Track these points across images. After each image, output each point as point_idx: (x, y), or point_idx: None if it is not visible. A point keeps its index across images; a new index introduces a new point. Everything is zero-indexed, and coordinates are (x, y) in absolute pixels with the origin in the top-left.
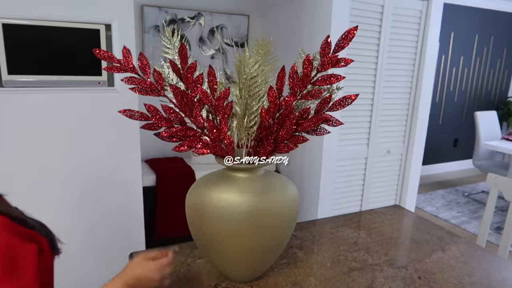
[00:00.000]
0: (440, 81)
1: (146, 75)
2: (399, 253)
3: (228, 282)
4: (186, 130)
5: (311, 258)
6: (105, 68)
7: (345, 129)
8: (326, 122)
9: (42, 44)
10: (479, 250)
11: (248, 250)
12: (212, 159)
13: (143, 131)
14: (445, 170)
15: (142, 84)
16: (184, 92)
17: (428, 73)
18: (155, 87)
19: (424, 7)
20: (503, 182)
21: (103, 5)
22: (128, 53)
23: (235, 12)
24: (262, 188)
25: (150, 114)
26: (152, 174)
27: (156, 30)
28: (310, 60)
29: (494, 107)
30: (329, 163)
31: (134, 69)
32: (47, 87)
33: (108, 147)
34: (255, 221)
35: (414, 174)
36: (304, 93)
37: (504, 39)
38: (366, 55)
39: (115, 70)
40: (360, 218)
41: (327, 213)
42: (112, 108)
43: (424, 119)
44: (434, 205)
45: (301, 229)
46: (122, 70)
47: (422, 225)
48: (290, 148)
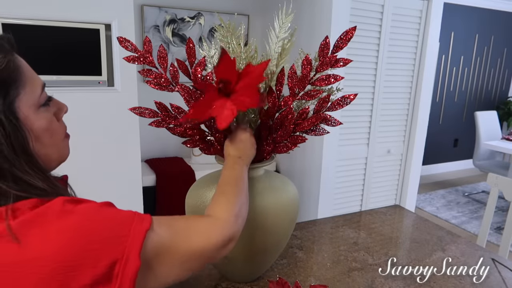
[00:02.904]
0: (440, 81)
1: (163, 68)
2: (399, 253)
3: (228, 282)
4: (194, 129)
5: (311, 258)
6: (125, 57)
7: (345, 129)
8: (325, 122)
9: (42, 44)
10: (479, 250)
11: (248, 250)
12: (212, 159)
13: (143, 131)
14: (445, 170)
15: (159, 78)
16: (193, 90)
17: (428, 73)
18: (170, 82)
19: (424, 7)
20: (504, 182)
21: (103, 5)
22: (149, 44)
23: (235, 12)
24: (262, 188)
25: (160, 111)
26: (152, 174)
27: (156, 29)
28: (309, 60)
29: (494, 107)
30: (329, 163)
31: (153, 62)
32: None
33: (108, 147)
34: (255, 221)
35: (414, 174)
36: (303, 94)
37: (504, 39)
38: (366, 55)
39: (135, 61)
40: (360, 218)
41: (327, 213)
42: (112, 108)
43: (424, 119)
44: (434, 205)
45: (301, 229)
46: (142, 62)
47: (422, 225)
48: (289, 148)
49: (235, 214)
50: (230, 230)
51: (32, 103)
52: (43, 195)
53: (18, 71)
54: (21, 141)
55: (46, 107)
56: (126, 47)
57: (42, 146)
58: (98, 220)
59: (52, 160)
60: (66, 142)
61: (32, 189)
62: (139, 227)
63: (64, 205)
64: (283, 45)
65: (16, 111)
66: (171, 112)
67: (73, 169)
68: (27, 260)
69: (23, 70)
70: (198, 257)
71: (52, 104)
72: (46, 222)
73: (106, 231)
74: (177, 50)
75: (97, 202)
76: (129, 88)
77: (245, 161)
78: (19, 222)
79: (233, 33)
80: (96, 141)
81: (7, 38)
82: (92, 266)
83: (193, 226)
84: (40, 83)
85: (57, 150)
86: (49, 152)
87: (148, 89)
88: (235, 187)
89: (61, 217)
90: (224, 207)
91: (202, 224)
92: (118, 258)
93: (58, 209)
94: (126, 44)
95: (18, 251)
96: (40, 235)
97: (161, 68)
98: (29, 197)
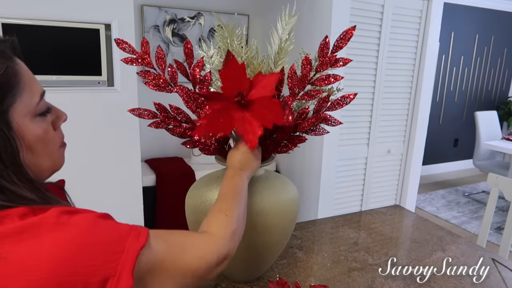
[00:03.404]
0: (440, 81)
1: (161, 69)
2: (399, 253)
3: (228, 282)
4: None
5: (311, 258)
6: (123, 59)
7: (345, 129)
8: (325, 122)
9: (42, 44)
10: (479, 250)
11: (248, 250)
12: (212, 159)
13: (143, 131)
14: (446, 170)
15: (157, 79)
16: (192, 91)
17: (428, 73)
18: (168, 83)
19: (425, 7)
20: (504, 182)
21: (103, 5)
22: (147, 45)
23: (235, 12)
24: (262, 188)
25: (159, 112)
26: (152, 174)
27: (156, 29)
28: (308, 60)
29: (494, 107)
30: (329, 163)
31: (151, 63)
32: (47, 87)
33: (108, 147)
34: (255, 221)
35: (414, 174)
36: (303, 94)
37: (504, 39)
38: (366, 55)
39: (133, 62)
40: (360, 218)
41: (327, 213)
42: (112, 108)
43: (424, 119)
44: (435, 205)
45: (301, 229)
46: (140, 63)
47: (422, 225)
48: (289, 148)
49: (232, 230)
50: (225, 249)
51: (27, 111)
52: (31, 205)
53: (16, 78)
54: (11, 152)
55: (43, 116)
56: (124, 49)
57: (33, 156)
58: (93, 234)
59: (44, 170)
60: (62, 152)
61: (20, 199)
62: (134, 243)
63: (59, 216)
64: (280, 44)
65: (10, 120)
66: (170, 113)
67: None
68: (13, 274)
69: (22, 77)
70: (191, 276)
71: (51, 113)
72: (39, 234)
73: (101, 246)
74: (177, 50)
75: (94, 212)
76: (129, 88)
77: (246, 173)
78: (7, 231)
79: (232, 33)
80: (96, 141)
81: (10, 41)
82: (84, 283)
83: (189, 244)
84: (39, 91)
85: (51, 160)
86: (41, 162)
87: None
88: (233, 201)
89: (55, 229)
90: (221, 223)
91: (198, 242)
92: (111, 275)
93: (52, 221)
94: (124, 45)
95: (4, 263)
96: (32, 248)
97: (159, 69)
98: (16, 206)
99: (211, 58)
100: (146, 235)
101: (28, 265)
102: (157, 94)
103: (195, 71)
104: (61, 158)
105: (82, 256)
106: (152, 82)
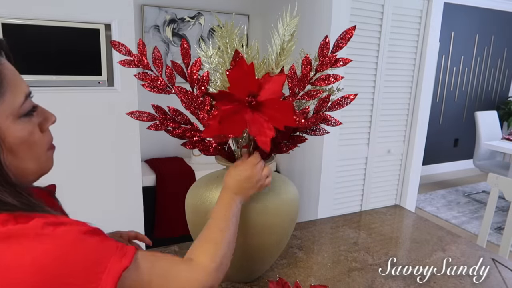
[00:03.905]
0: (440, 81)
1: (159, 71)
2: (399, 253)
3: (228, 282)
4: (192, 130)
5: (311, 258)
6: (120, 61)
7: (345, 129)
8: (325, 122)
9: (42, 44)
10: (479, 250)
11: (248, 249)
12: (212, 159)
13: (143, 131)
14: (446, 170)
15: (154, 81)
16: (190, 92)
17: (428, 73)
18: (166, 85)
19: (425, 7)
20: (504, 182)
21: (103, 5)
22: (143, 47)
23: (235, 12)
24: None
25: (158, 115)
26: (152, 174)
27: (156, 29)
28: (308, 60)
29: (494, 107)
30: (329, 163)
31: (148, 65)
32: (47, 87)
33: (108, 147)
34: (255, 221)
35: (414, 174)
36: (303, 94)
37: (504, 39)
38: (366, 55)
39: (130, 64)
40: (360, 218)
41: (327, 213)
42: (112, 108)
43: (424, 119)
44: (435, 205)
45: (301, 229)
46: (137, 65)
47: (422, 225)
48: (289, 148)
49: (219, 261)
50: (209, 282)
51: (10, 112)
52: (13, 211)
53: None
54: None
55: (28, 117)
56: (120, 51)
57: (16, 158)
58: (76, 250)
59: (29, 173)
60: (50, 155)
61: (1, 205)
62: (117, 265)
63: (43, 227)
64: (282, 45)
65: None
66: (168, 115)
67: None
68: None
69: (5, 77)
70: None
71: (37, 114)
72: (21, 244)
73: (83, 263)
74: (177, 50)
75: (81, 225)
76: (129, 88)
77: (240, 198)
78: None
79: (231, 33)
80: (96, 141)
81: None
82: None
83: (173, 272)
84: (23, 91)
85: (37, 163)
86: (25, 165)
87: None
88: (224, 228)
89: (38, 240)
90: (209, 252)
91: (183, 271)
92: None
93: (36, 231)
94: (120, 48)
95: None
96: (13, 258)
97: (157, 71)
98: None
99: (210, 58)
100: (131, 256)
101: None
102: (157, 94)
103: (192, 72)
104: (49, 161)
105: (63, 273)
106: (150, 84)
